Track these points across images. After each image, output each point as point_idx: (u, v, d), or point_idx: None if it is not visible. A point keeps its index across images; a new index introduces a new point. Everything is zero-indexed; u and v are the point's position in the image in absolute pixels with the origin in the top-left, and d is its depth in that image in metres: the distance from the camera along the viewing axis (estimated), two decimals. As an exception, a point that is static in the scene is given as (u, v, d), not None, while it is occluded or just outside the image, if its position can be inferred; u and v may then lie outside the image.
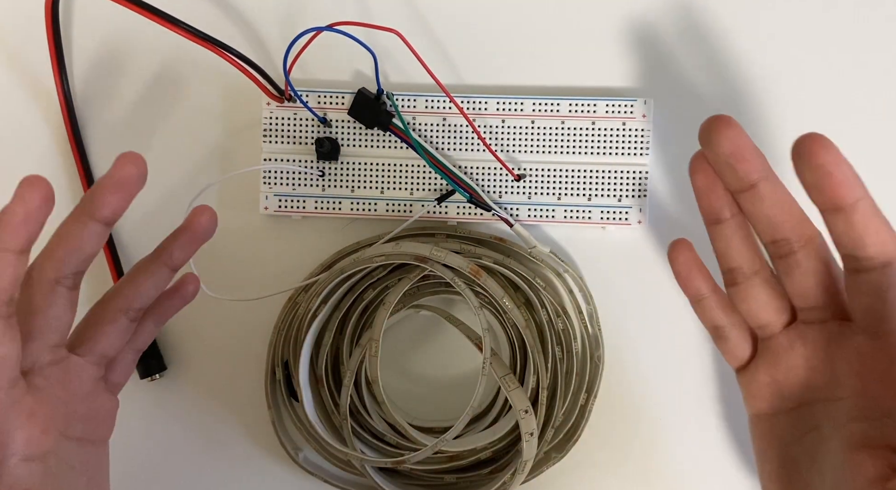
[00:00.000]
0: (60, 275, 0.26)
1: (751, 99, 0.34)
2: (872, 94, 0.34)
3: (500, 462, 0.33)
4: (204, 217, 0.29)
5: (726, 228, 0.27)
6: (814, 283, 0.26)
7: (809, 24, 0.34)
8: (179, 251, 0.29)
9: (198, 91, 0.35)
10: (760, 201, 0.26)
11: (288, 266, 0.35)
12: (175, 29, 0.28)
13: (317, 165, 0.34)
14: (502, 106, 0.33)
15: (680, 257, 0.29)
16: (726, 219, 0.27)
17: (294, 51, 0.31)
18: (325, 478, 0.34)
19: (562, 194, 0.33)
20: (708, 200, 0.27)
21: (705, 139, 0.26)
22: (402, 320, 0.35)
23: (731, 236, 0.27)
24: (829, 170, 0.23)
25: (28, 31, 0.35)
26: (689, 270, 0.29)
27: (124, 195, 0.26)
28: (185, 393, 0.35)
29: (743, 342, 0.29)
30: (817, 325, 0.27)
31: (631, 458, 0.34)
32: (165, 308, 0.31)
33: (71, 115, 0.35)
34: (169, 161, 0.35)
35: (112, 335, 0.28)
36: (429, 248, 0.31)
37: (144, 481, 0.35)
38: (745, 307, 0.28)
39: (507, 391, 0.31)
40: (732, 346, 0.29)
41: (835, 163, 0.23)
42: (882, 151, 0.34)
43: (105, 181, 0.25)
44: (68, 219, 0.26)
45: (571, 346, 0.33)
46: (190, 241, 0.29)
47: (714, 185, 0.27)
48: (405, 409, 0.35)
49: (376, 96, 0.33)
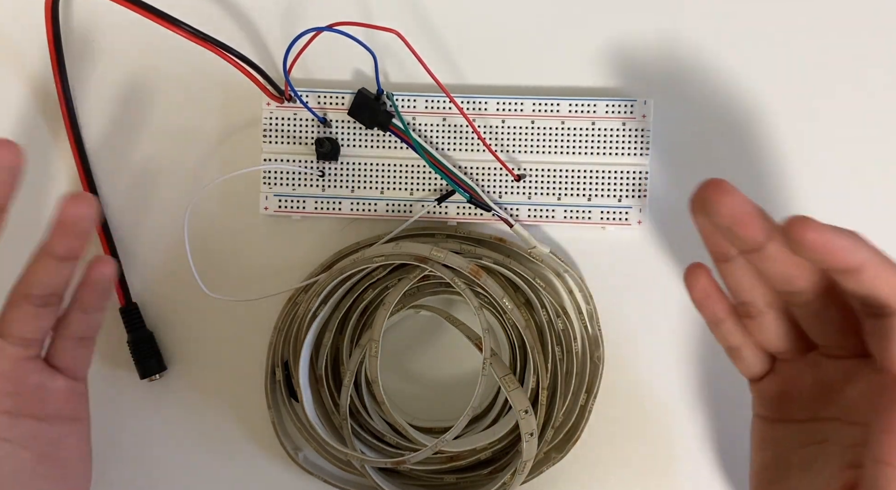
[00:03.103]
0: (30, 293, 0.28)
1: (751, 98, 0.34)
2: (872, 94, 0.34)
3: (500, 462, 0.33)
4: (68, 203, 0.28)
5: (735, 266, 0.26)
6: (834, 328, 0.26)
7: (810, 24, 0.34)
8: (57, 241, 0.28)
9: (198, 91, 0.35)
10: (769, 261, 0.25)
11: (288, 266, 0.35)
12: (175, 29, 0.28)
13: (317, 165, 0.34)
14: (502, 106, 0.33)
15: (698, 284, 0.28)
16: (734, 257, 0.26)
17: (294, 51, 0.31)
18: (325, 478, 0.34)
19: (562, 194, 0.33)
20: (713, 242, 0.26)
21: (700, 208, 0.24)
22: (401, 320, 0.35)
23: (741, 273, 0.27)
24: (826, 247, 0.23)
25: (28, 31, 0.35)
26: (706, 297, 0.28)
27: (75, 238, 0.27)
28: (185, 393, 0.35)
29: (758, 360, 0.29)
30: (836, 360, 0.27)
31: (631, 458, 0.34)
32: (83, 295, 0.30)
33: (71, 115, 0.35)
34: (169, 161, 0.35)
35: (21, 320, 0.29)
36: (429, 249, 0.31)
37: (144, 481, 0.35)
38: (761, 337, 0.28)
39: (507, 391, 0.31)
40: (748, 364, 0.29)
41: (829, 239, 0.22)
42: (883, 152, 0.34)
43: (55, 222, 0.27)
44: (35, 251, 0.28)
45: (571, 347, 0.33)
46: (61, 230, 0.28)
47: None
48: (405, 409, 0.35)
49: (376, 96, 0.33)
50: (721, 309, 0.28)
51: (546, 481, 0.34)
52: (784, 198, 0.34)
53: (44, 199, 0.35)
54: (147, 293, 0.35)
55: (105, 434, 0.35)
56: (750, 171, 0.34)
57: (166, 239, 0.35)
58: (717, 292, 0.28)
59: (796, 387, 0.28)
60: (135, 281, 0.35)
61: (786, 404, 0.28)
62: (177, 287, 0.35)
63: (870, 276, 0.23)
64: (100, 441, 0.35)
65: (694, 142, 0.34)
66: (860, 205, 0.34)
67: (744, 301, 0.27)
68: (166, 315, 0.35)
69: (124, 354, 0.34)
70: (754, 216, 0.24)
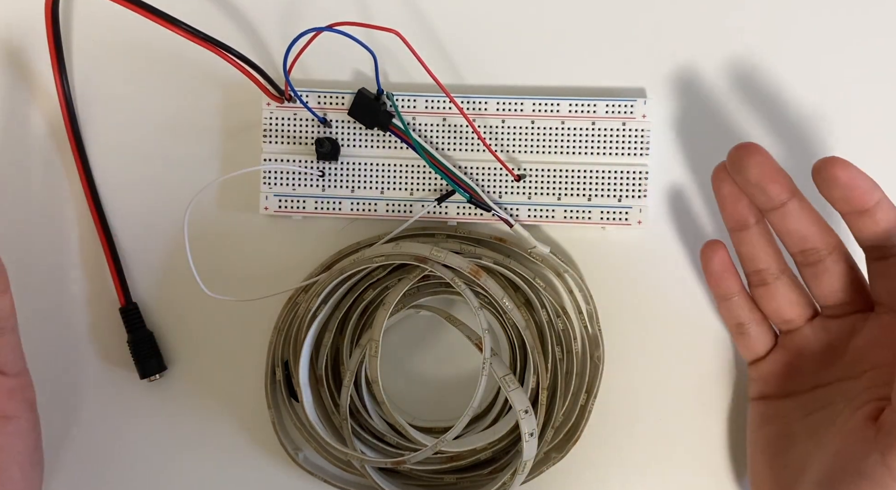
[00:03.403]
0: None
1: (751, 98, 0.34)
2: (874, 92, 0.34)
3: (500, 462, 0.33)
4: None
5: (752, 233, 0.29)
6: (842, 284, 0.29)
7: (809, 24, 0.34)
8: None
9: (198, 91, 0.35)
10: (790, 217, 0.28)
11: (288, 266, 0.35)
12: (175, 29, 0.28)
13: (317, 165, 0.34)
14: (502, 106, 0.33)
15: (715, 257, 0.30)
16: (752, 225, 0.29)
17: (294, 51, 0.31)
18: (325, 478, 0.34)
19: (562, 194, 0.33)
20: (734, 208, 0.29)
21: (735, 166, 0.28)
22: (402, 320, 0.35)
23: (757, 240, 0.29)
24: (851, 184, 0.26)
25: (28, 31, 0.35)
26: (723, 271, 0.30)
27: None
28: (185, 393, 0.35)
29: (762, 337, 0.31)
30: (841, 319, 0.29)
31: (631, 458, 0.34)
32: None
33: (71, 115, 0.35)
34: (169, 161, 0.35)
35: None
36: (429, 249, 0.31)
37: (144, 481, 0.35)
38: (774, 305, 0.30)
39: (507, 391, 0.31)
40: (752, 341, 0.31)
41: (854, 177, 0.26)
42: (884, 151, 0.34)
43: None
44: None
45: (571, 347, 0.33)
46: None
47: (739, 194, 0.29)
48: (405, 409, 0.35)
49: (376, 96, 0.33)
50: (734, 283, 0.31)
51: (546, 481, 0.34)
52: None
53: (44, 201, 0.35)
54: (147, 293, 0.35)
55: (105, 434, 0.35)
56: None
57: (166, 239, 0.35)
58: (731, 267, 0.31)
59: (802, 356, 0.30)
60: (135, 281, 0.35)
61: (790, 378, 0.30)
62: (177, 287, 0.35)
63: (883, 216, 0.26)
64: (100, 441, 0.35)
65: (694, 142, 0.34)
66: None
67: (759, 268, 0.30)
68: (166, 315, 0.35)
69: (124, 354, 0.35)
70: (780, 175, 0.27)
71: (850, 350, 0.29)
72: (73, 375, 0.35)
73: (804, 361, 0.30)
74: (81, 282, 0.35)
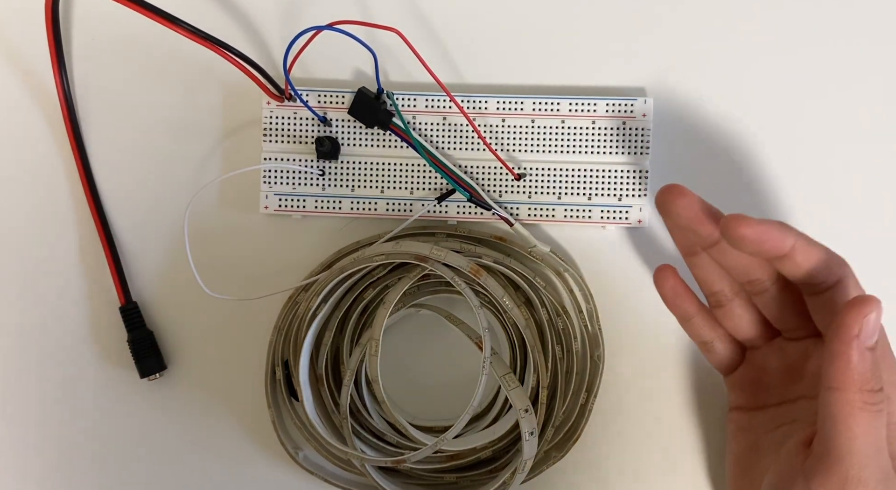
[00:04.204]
0: None
1: (750, 97, 0.34)
2: (871, 99, 0.34)
3: (500, 461, 0.33)
4: None
5: (703, 259, 0.29)
6: (790, 312, 0.29)
7: (811, 27, 0.34)
8: None
9: (198, 90, 0.35)
10: (727, 253, 0.28)
11: (288, 265, 0.35)
12: (175, 28, 0.28)
13: (317, 165, 0.34)
14: (502, 105, 0.33)
15: (666, 284, 0.31)
16: (700, 251, 0.29)
17: (294, 50, 0.31)
18: (325, 477, 0.34)
19: (562, 194, 0.33)
20: (682, 237, 0.29)
21: (662, 210, 0.28)
22: (402, 320, 0.35)
23: (707, 264, 0.29)
24: (760, 239, 0.25)
25: (28, 31, 0.35)
26: (675, 295, 0.31)
27: None
28: (185, 393, 0.35)
29: (728, 352, 0.31)
30: (797, 341, 0.29)
31: (631, 457, 0.34)
32: None
33: (71, 115, 0.35)
34: (169, 160, 0.35)
35: None
36: (429, 248, 0.31)
37: (144, 481, 0.35)
38: (731, 325, 0.30)
39: (507, 390, 0.31)
40: (719, 356, 0.31)
41: (761, 231, 0.25)
42: (879, 156, 0.34)
43: None
44: None
45: (571, 346, 0.33)
46: None
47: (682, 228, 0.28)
48: (405, 408, 0.35)
49: (376, 95, 0.33)
50: (690, 305, 0.31)
51: (546, 481, 0.34)
52: (784, 196, 0.34)
53: (44, 199, 0.35)
54: (147, 292, 0.35)
55: (104, 433, 0.35)
56: (750, 171, 0.34)
57: (166, 238, 0.35)
58: (685, 291, 0.31)
59: (766, 372, 0.30)
60: (135, 280, 0.35)
61: (759, 391, 0.31)
62: (177, 287, 0.35)
63: (801, 259, 0.26)
64: (100, 440, 0.35)
65: (694, 142, 0.34)
66: (858, 205, 0.34)
67: (713, 291, 0.30)
68: (166, 314, 0.35)
69: (124, 353, 0.35)
70: (709, 215, 0.27)
71: (807, 372, 0.29)
72: (72, 374, 0.35)
73: (770, 377, 0.30)
74: (81, 281, 0.35)
